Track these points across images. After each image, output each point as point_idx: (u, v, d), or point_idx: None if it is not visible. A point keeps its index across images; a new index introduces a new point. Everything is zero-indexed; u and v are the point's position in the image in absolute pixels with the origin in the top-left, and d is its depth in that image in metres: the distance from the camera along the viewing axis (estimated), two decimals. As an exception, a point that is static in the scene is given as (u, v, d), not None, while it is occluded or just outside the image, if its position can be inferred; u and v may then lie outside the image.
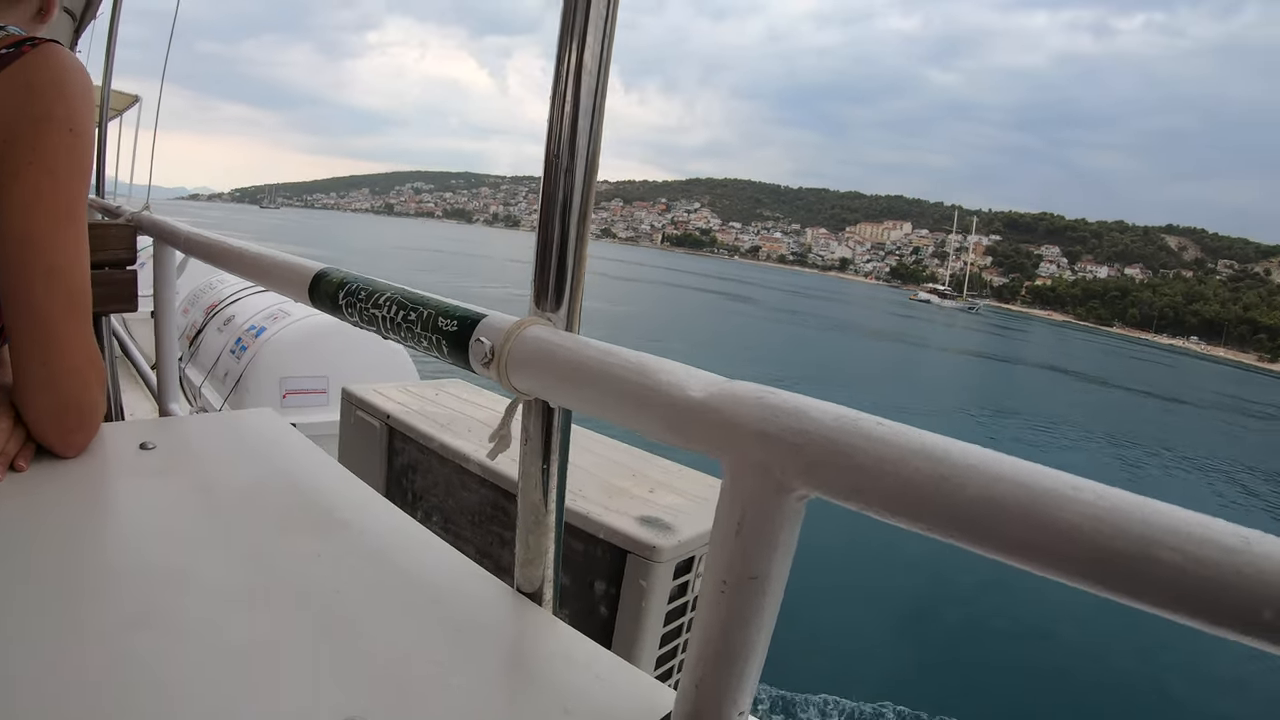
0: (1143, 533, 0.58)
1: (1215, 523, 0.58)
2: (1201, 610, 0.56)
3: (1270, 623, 0.52)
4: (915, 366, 42.12)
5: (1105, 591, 0.62)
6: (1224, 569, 0.54)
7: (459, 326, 1.19)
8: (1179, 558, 0.56)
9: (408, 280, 1.45)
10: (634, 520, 2.18)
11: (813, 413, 0.79)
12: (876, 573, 10.26)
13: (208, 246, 2.32)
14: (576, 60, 1.08)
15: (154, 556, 1.22)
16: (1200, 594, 0.55)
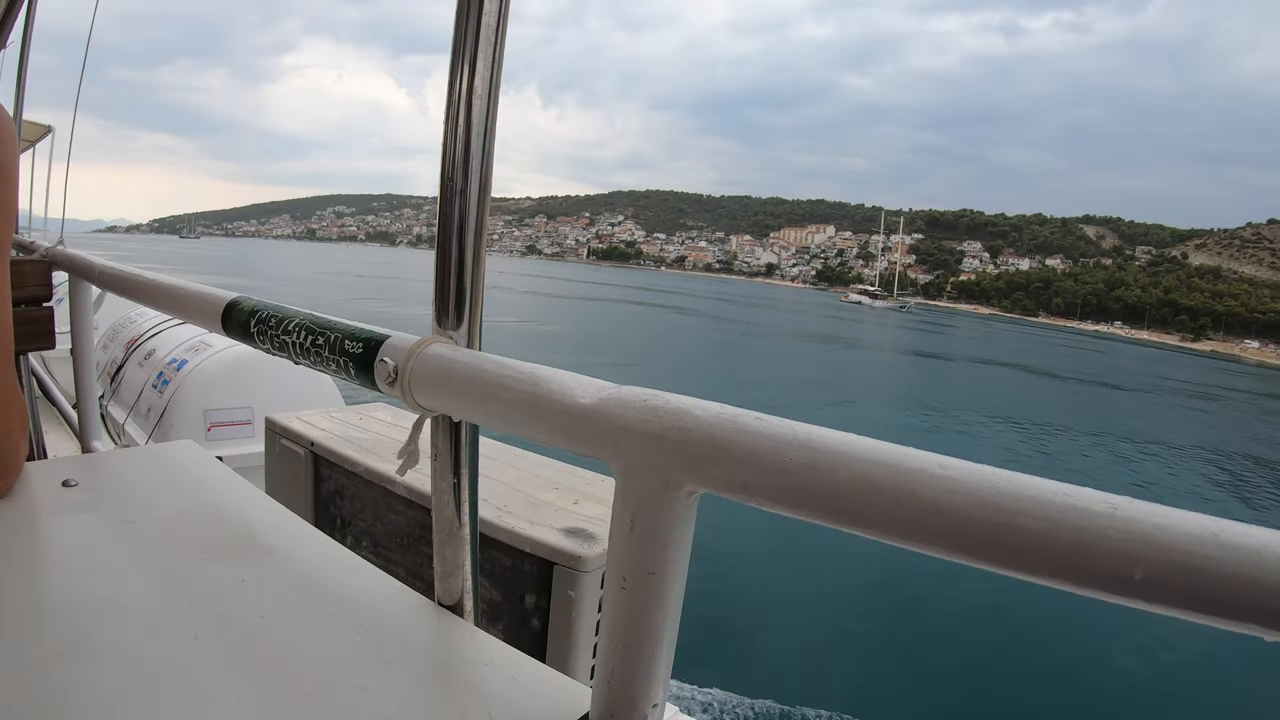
0: (1007, 504, 0.65)
1: (1081, 491, 0.65)
2: (1073, 574, 0.62)
3: (1143, 582, 0.59)
4: (855, 368, 42.36)
5: (975, 561, 0.68)
6: (1091, 533, 0.61)
7: (364, 348, 1.22)
8: (1045, 525, 0.63)
9: (341, 309, 1.48)
10: (559, 532, 2.21)
11: (695, 412, 0.85)
12: (815, 572, 10.36)
13: (122, 280, 2.30)
14: (467, 86, 1.13)
15: (80, 590, 1.23)
16: (1069, 558, 0.62)
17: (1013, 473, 0.68)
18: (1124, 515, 0.60)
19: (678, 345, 40.98)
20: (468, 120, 1.13)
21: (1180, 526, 0.58)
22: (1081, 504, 0.62)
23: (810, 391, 28.41)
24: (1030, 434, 24.86)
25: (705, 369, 30.68)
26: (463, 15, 1.12)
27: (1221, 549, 0.56)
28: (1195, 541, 0.57)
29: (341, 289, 59.41)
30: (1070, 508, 0.62)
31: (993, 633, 9.39)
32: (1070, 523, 0.62)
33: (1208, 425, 36.39)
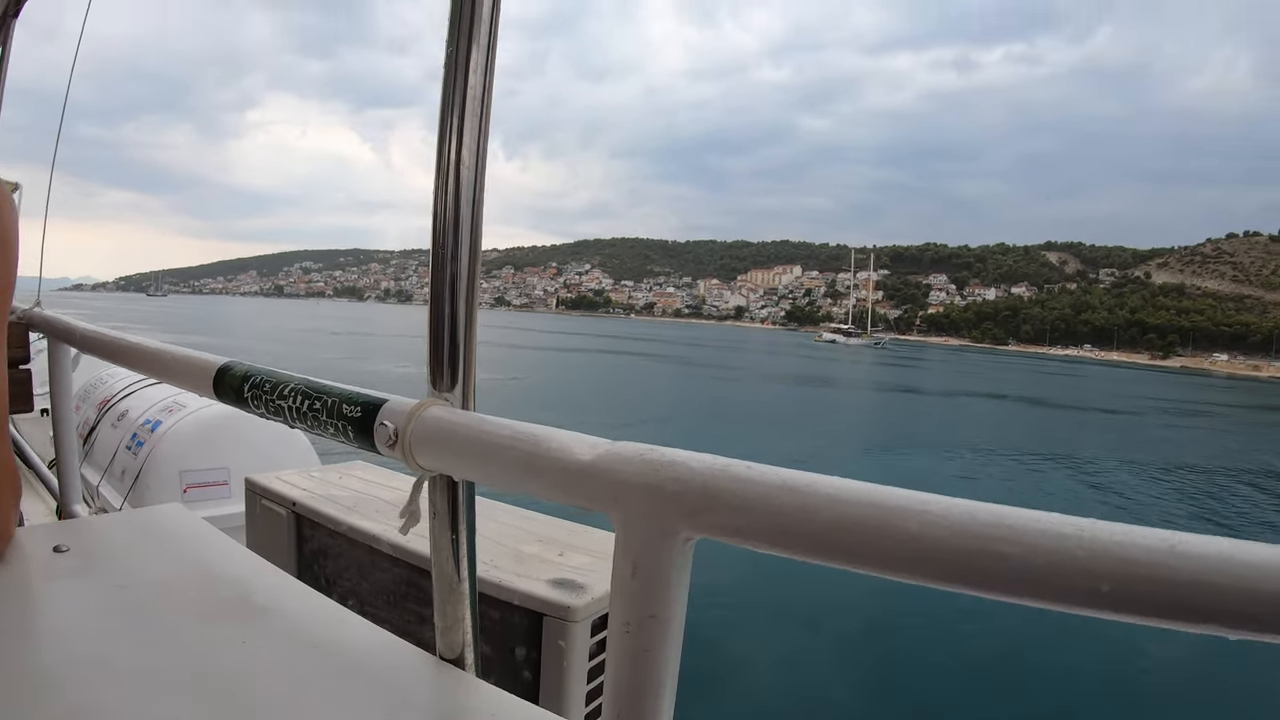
0: (984, 532, 0.73)
1: (1052, 517, 0.73)
2: (1047, 592, 0.71)
3: (1110, 594, 0.67)
4: (839, 408, 41.75)
5: (958, 587, 0.77)
6: (1061, 555, 0.69)
7: (363, 412, 1.26)
8: (1020, 550, 0.71)
9: (328, 367, 1.51)
10: (546, 584, 2.24)
11: (690, 463, 0.91)
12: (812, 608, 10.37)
13: (105, 344, 2.30)
14: (455, 154, 1.18)
15: (80, 655, 1.24)
16: (1044, 578, 0.70)
17: (988, 504, 0.76)
18: (1089, 535, 0.68)
19: (661, 395, 39.70)
20: (456, 190, 1.19)
21: (1140, 542, 0.66)
22: (1052, 528, 0.70)
23: (803, 436, 27.73)
24: (1030, 464, 24.75)
25: (693, 419, 29.48)
26: (449, 88, 1.18)
27: (1178, 559, 0.63)
28: (1153, 554, 0.64)
29: (324, 347, 58.15)
30: (1041, 532, 0.70)
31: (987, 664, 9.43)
32: (1042, 546, 0.69)
33: (1220, 443, 36.53)
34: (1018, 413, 44.33)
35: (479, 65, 1.18)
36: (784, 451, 22.25)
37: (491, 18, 1.18)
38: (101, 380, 6.74)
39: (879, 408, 43.19)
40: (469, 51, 1.17)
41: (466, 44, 1.17)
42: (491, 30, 1.18)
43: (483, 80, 1.18)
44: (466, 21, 1.16)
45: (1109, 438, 34.41)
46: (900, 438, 29.27)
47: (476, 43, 1.17)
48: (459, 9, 1.17)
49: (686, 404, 35.25)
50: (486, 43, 1.18)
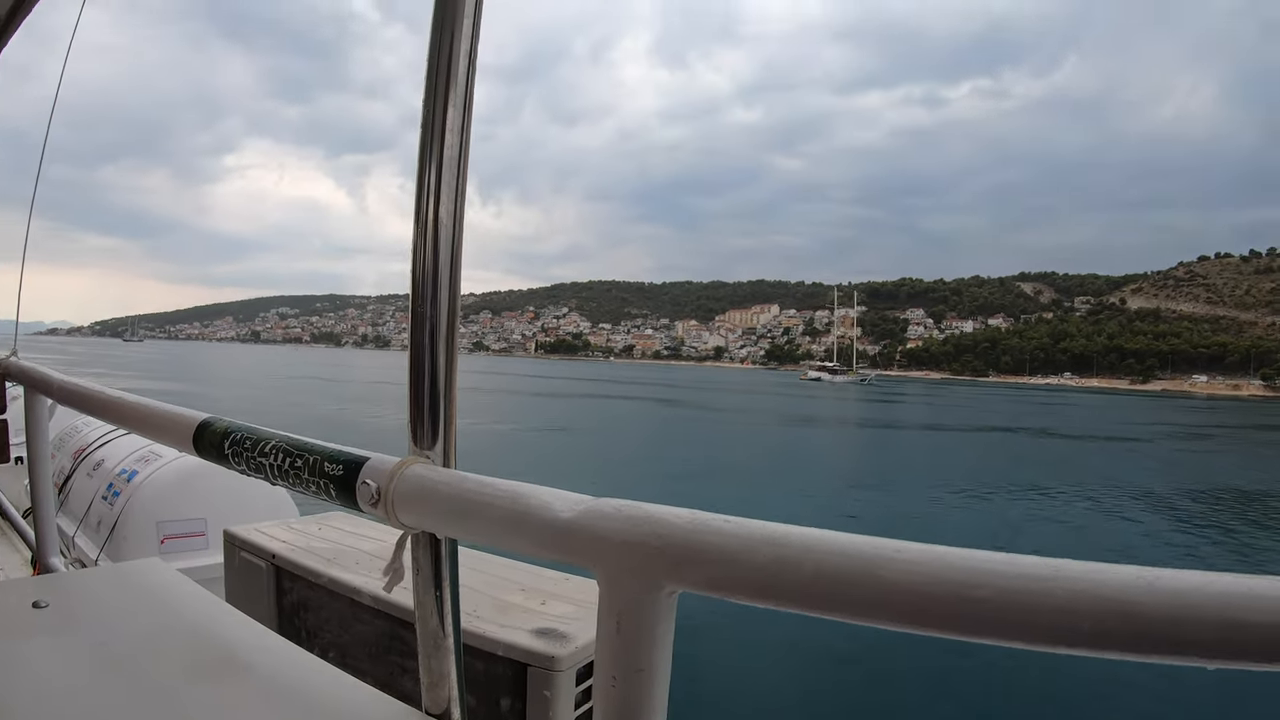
0: (960, 578, 0.75)
1: (1026, 559, 0.76)
2: (1025, 633, 0.73)
3: (1090, 633, 0.70)
4: (834, 448, 40.64)
5: (937, 632, 0.80)
6: (1037, 595, 0.72)
7: (344, 470, 1.27)
8: (994, 593, 0.74)
9: (329, 417, 1.50)
10: (530, 633, 2.23)
11: (670, 519, 0.94)
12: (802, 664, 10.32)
13: (84, 396, 2.28)
14: (433, 217, 1.20)
15: (66, 714, 1.24)
16: (1021, 620, 0.73)
17: (962, 549, 0.79)
18: (1065, 575, 0.71)
19: (658, 441, 38.42)
20: (435, 252, 1.21)
21: (1116, 580, 0.69)
22: (1026, 570, 0.73)
23: (804, 479, 26.16)
24: (1046, 497, 24.32)
25: (695, 466, 27.54)
26: (427, 141, 1.21)
27: (1155, 594, 0.67)
28: (1130, 591, 0.68)
29: (316, 395, 56.64)
30: (1016, 575, 0.73)
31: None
32: (1017, 588, 0.72)
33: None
34: (1023, 445, 43.66)
35: (455, 123, 1.20)
36: (782, 496, 21.58)
37: (467, 76, 1.21)
38: (76, 429, 6.66)
39: (879, 446, 41.90)
40: (445, 110, 1.19)
41: (444, 102, 1.19)
42: (468, 88, 1.21)
43: (459, 139, 1.21)
44: (443, 79, 1.19)
45: (1127, 465, 34.21)
46: (902, 476, 28.09)
47: (454, 101, 1.20)
48: (435, 66, 1.19)
49: (687, 450, 33.87)
50: (463, 101, 1.21)
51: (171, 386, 53.62)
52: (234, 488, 5.28)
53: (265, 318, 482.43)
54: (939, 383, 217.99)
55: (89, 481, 5.79)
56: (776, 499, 21.02)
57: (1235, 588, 0.65)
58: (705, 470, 26.34)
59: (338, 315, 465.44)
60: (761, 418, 56.88)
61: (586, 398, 68.83)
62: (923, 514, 19.94)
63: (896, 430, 51.62)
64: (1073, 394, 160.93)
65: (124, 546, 5.10)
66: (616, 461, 29.39)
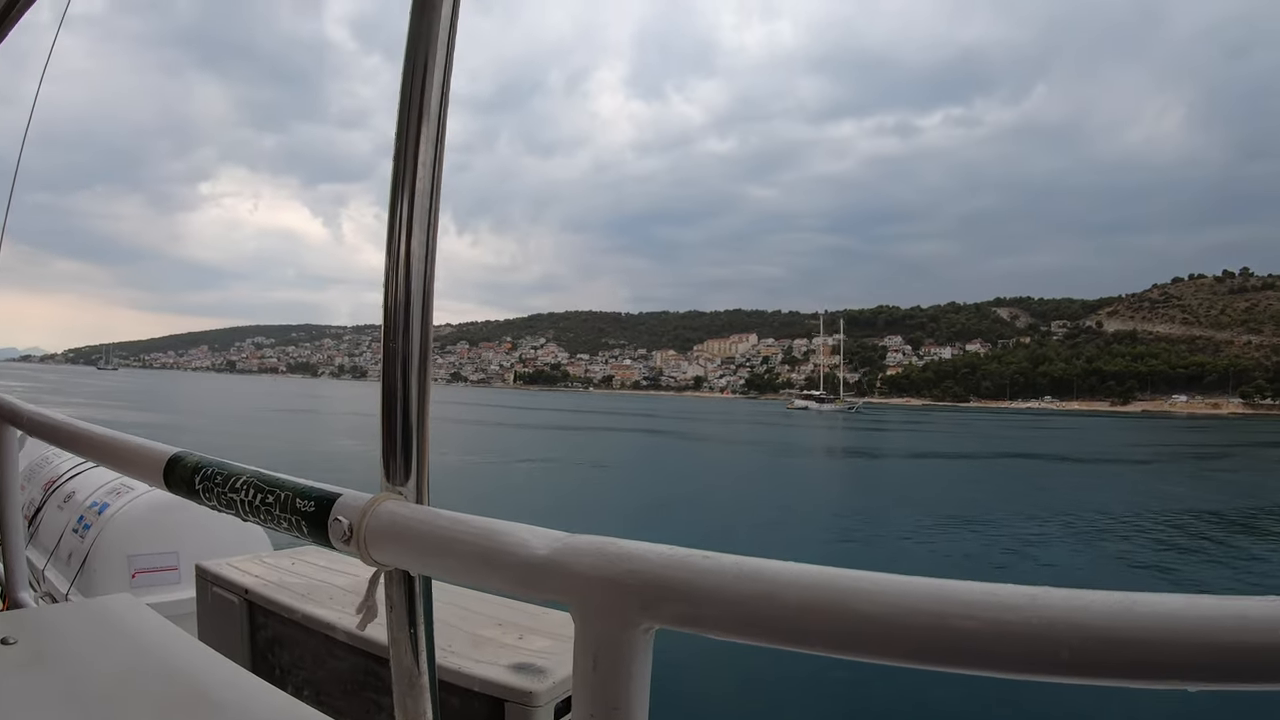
0: (937, 608, 0.76)
1: (1003, 588, 0.76)
2: (1004, 662, 0.73)
3: (1070, 660, 0.70)
4: (846, 480, 39.04)
5: (915, 663, 0.79)
6: (1015, 625, 0.72)
7: (316, 507, 1.26)
8: (973, 623, 0.73)
9: (329, 450, 1.48)
10: (507, 668, 2.21)
11: (646, 555, 0.93)
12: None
13: (53, 428, 2.25)
14: (405, 252, 1.21)
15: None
16: (999, 649, 0.73)
17: (941, 580, 0.79)
18: (1043, 603, 0.71)
19: (642, 475, 36.33)
20: (407, 288, 1.21)
21: (1095, 606, 0.69)
22: (1003, 599, 0.73)
23: (813, 516, 24.87)
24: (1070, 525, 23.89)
25: (682, 503, 26.43)
26: (398, 179, 1.21)
27: (1135, 618, 0.67)
28: (1110, 616, 0.68)
29: (311, 429, 55.14)
30: (993, 604, 0.73)
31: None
32: (995, 618, 0.73)
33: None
34: (1040, 470, 43.09)
35: (428, 157, 1.21)
36: (777, 530, 20.96)
37: (440, 109, 1.21)
38: (48, 459, 6.58)
39: (886, 476, 40.35)
40: (418, 144, 1.20)
41: (416, 135, 1.20)
42: (440, 121, 1.21)
43: (431, 172, 1.22)
44: (416, 112, 1.20)
45: (1167, 486, 34.21)
46: (921, 506, 26.29)
47: (426, 134, 1.20)
48: (408, 100, 1.20)
49: (679, 483, 32.64)
50: (435, 134, 1.21)
51: (158, 419, 52.19)
52: (206, 521, 5.22)
53: (241, 347, 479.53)
54: (925, 409, 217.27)
55: (59, 514, 5.72)
56: (771, 533, 20.59)
57: (1216, 610, 0.65)
58: (697, 503, 25.42)
59: (314, 345, 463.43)
60: (753, 449, 55.65)
61: (571, 430, 67.50)
62: (942, 546, 19.81)
63: (903, 460, 50.43)
64: (1071, 418, 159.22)
65: (95, 580, 5.04)
66: (604, 495, 28.72)
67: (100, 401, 70.61)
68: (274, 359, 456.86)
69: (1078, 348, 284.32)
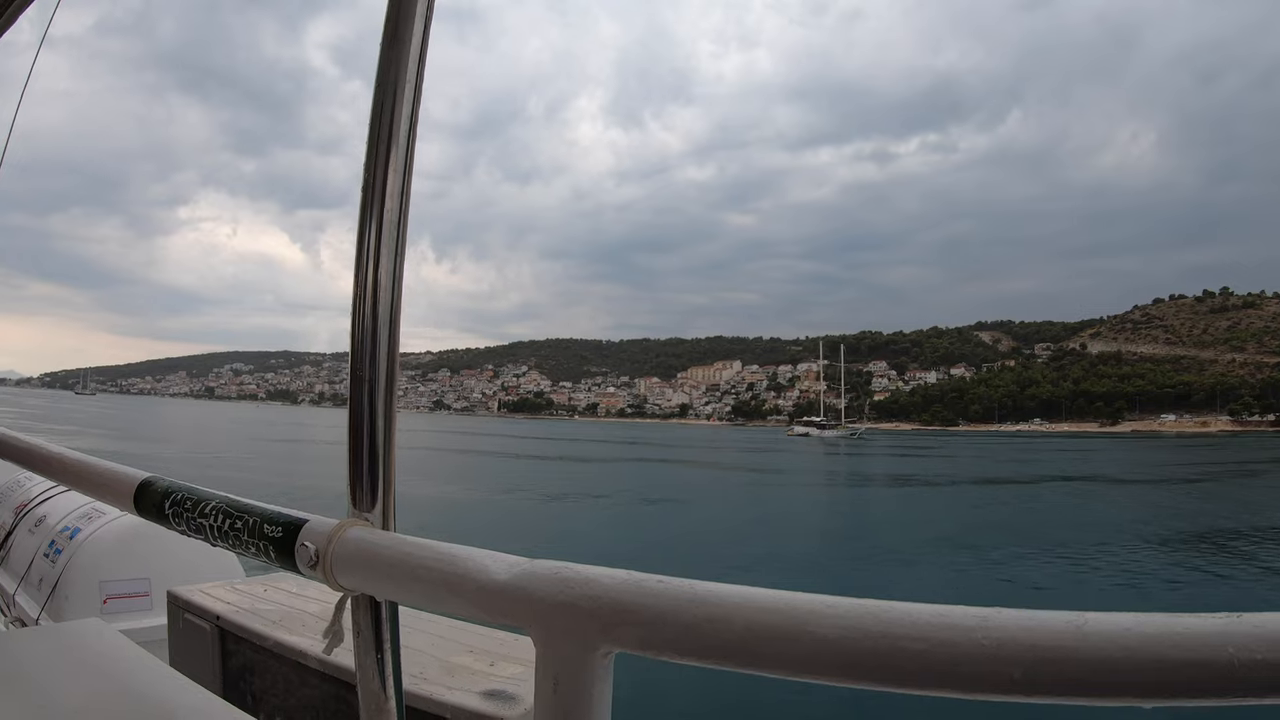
0: (889, 630, 0.79)
1: (954, 610, 0.80)
2: (956, 682, 0.77)
3: (1021, 680, 0.73)
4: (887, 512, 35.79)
5: (869, 685, 0.82)
6: (966, 645, 0.75)
7: (284, 532, 1.28)
8: (923, 645, 0.77)
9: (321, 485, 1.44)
10: (478, 695, 2.22)
11: (603, 580, 0.96)
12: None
13: (24, 451, 2.25)
14: (372, 282, 1.24)
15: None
16: (951, 669, 0.76)
17: (893, 602, 0.82)
18: (995, 624, 0.75)
19: (650, 508, 33.18)
20: (374, 310, 1.24)
21: (1045, 626, 0.73)
22: (954, 621, 0.77)
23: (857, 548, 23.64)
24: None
25: (704, 540, 24.27)
26: (366, 208, 1.23)
27: (1085, 639, 0.70)
28: (1060, 636, 0.71)
29: (315, 461, 52.15)
30: (944, 625, 0.77)
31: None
32: (946, 639, 0.76)
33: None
34: (1078, 492, 42.87)
35: (395, 187, 1.24)
36: (802, 567, 19.83)
37: (408, 141, 1.24)
38: (19, 483, 6.53)
39: (932, 504, 38.19)
40: (386, 174, 1.23)
41: (384, 165, 1.23)
42: (408, 152, 1.24)
43: (399, 203, 1.25)
44: (384, 143, 1.23)
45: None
46: (978, 535, 25.93)
47: (394, 165, 1.23)
48: (377, 131, 1.23)
49: (706, 521, 29.45)
50: (403, 165, 1.24)
51: (156, 450, 49.32)
52: (178, 547, 5.19)
53: (219, 373, 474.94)
54: (916, 433, 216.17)
55: (30, 538, 5.68)
56: (795, 570, 19.54)
57: (1166, 627, 0.69)
58: (717, 539, 24.38)
59: (293, 372, 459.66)
60: (775, 477, 53.74)
61: (564, 460, 64.88)
62: (1017, 576, 19.24)
63: (955, 487, 47.55)
64: (1086, 439, 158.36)
65: (65, 606, 5.00)
66: (615, 532, 26.53)
67: (91, 431, 68.37)
68: (253, 385, 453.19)
69: (1063, 369, 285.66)
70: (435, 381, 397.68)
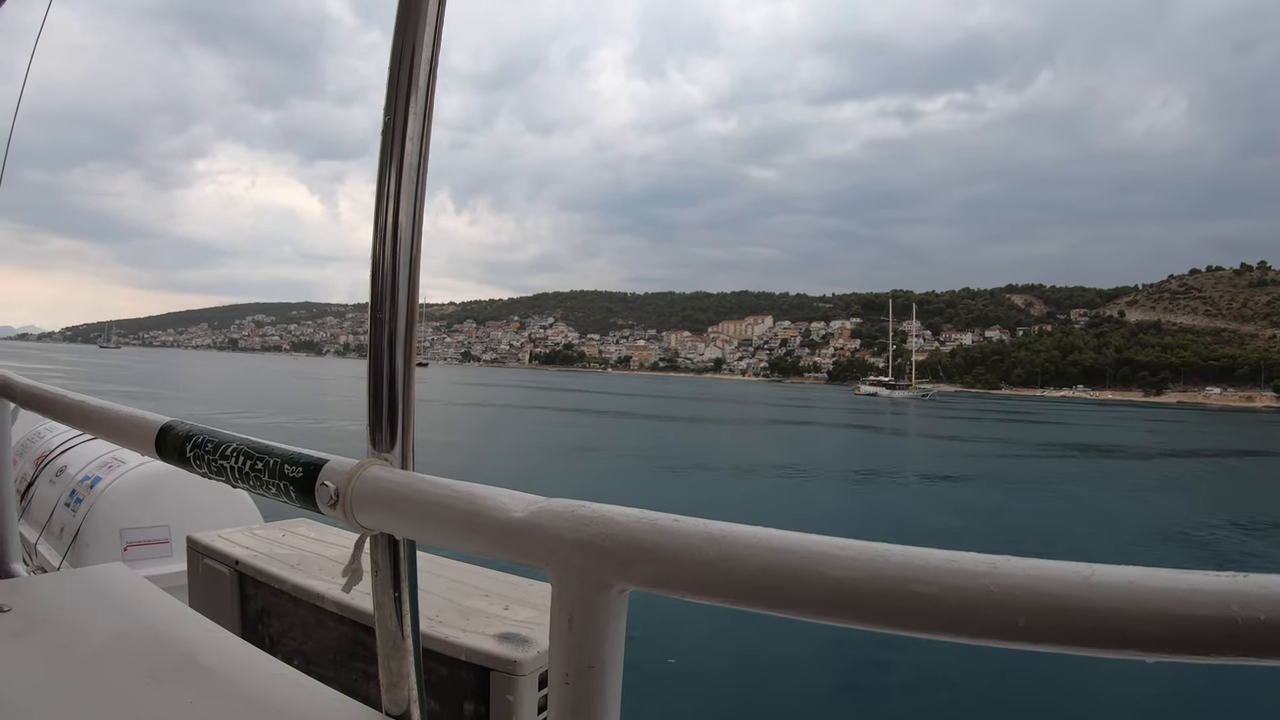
0: (899, 574, 0.81)
1: (964, 555, 0.82)
2: (963, 627, 0.79)
3: (1026, 627, 0.75)
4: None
5: (877, 627, 0.85)
6: (974, 590, 0.77)
7: (304, 472, 1.32)
8: (933, 589, 0.79)
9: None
10: (492, 638, 2.27)
11: (619, 518, 0.99)
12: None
13: (46, 400, 2.30)
14: (393, 219, 1.25)
15: (22, 717, 1.27)
16: (957, 614, 0.78)
17: (904, 546, 0.85)
18: (1003, 571, 0.77)
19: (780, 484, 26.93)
20: (394, 255, 1.26)
21: (1053, 575, 0.74)
22: (964, 566, 0.79)
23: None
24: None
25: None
26: (387, 144, 1.25)
27: (1093, 589, 0.72)
28: (1068, 586, 0.73)
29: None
30: (954, 570, 0.79)
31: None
32: (955, 584, 0.78)
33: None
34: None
35: (416, 130, 1.25)
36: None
37: (428, 85, 1.25)
38: (39, 434, 6.61)
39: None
40: (406, 111, 1.24)
41: (404, 104, 1.24)
42: (428, 96, 1.25)
43: (419, 146, 1.25)
44: (404, 87, 1.23)
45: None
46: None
47: (414, 103, 1.24)
48: (397, 75, 1.24)
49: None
50: (424, 103, 1.25)
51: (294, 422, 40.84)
52: (198, 495, 5.28)
53: (241, 325, 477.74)
54: (997, 396, 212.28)
55: (51, 488, 5.75)
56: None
57: (1172, 582, 0.70)
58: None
59: (316, 323, 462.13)
60: (949, 444, 48.48)
61: (632, 417, 61.13)
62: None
63: (1145, 460, 43.83)
64: (1139, 409, 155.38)
65: (87, 554, 5.07)
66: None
67: (136, 388, 61.40)
68: (276, 337, 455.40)
69: (1104, 337, 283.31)
70: (460, 333, 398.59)
